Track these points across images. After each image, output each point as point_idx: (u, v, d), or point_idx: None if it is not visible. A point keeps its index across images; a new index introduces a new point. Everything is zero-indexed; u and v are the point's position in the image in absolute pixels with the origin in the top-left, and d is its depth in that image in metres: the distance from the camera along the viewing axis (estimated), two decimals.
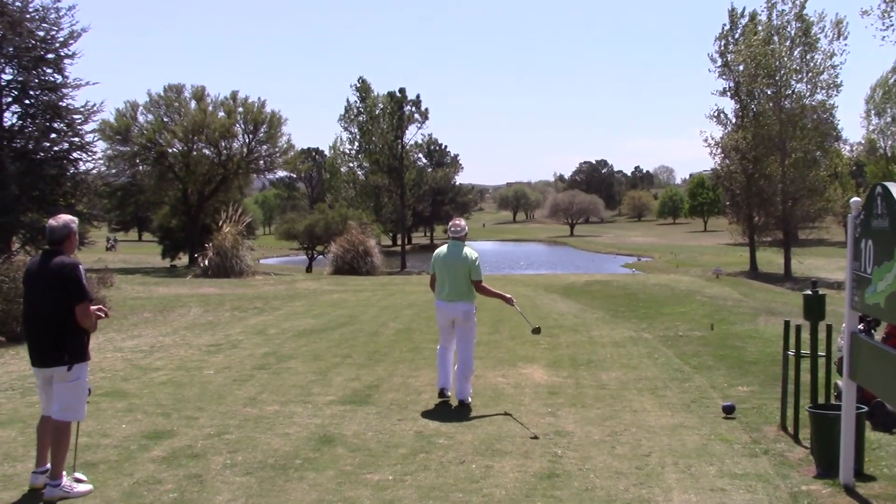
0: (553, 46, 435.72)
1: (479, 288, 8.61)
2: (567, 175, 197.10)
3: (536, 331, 9.19)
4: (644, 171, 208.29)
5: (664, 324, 14.61)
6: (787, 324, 7.49)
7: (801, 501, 5.44)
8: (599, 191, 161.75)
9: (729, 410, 7.79)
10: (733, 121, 47.95)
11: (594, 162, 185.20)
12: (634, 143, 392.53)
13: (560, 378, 9.70)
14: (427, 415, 7.84)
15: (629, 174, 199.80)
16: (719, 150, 48.15)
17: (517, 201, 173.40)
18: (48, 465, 5.79)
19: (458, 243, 8.75)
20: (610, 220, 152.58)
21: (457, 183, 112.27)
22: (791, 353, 7.26)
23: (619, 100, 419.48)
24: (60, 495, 5.58)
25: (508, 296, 9.00)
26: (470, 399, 8.41)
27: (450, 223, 9.14)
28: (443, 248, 8.85)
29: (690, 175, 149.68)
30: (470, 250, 8.70)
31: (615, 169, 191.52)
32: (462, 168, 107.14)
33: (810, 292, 6.83)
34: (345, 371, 10.14)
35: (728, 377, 9.71)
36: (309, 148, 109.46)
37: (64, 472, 5.72)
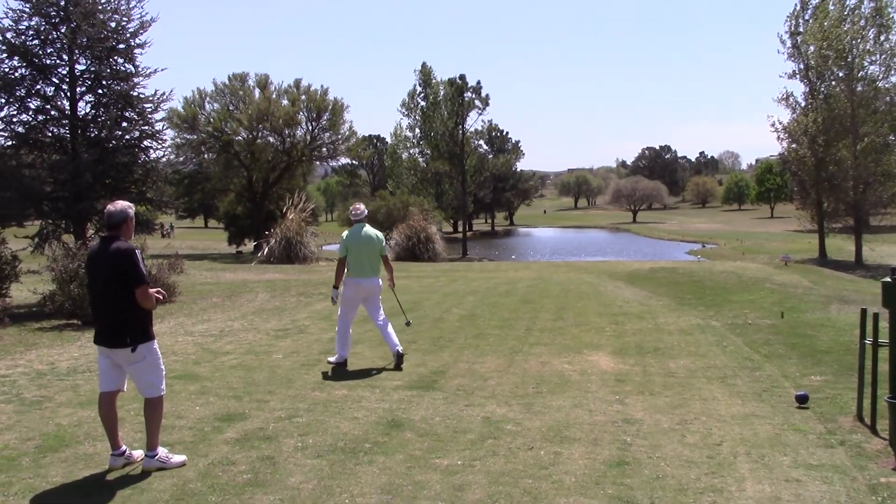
0: (614, 30, 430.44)
1: (386, 261, 9.90)
2: (629, 161, 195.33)
3: (408, 324, 11.09)
4: (708, 157, 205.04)
5: (732, 311, 14.37)
6: (863, 312, 7.31)
7: (880, 494, 5.31)
8: (663, 177, 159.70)
9: (802, 400, 7.63)
10: (802, 104, 46.71)
11: (657, 147, 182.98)
12: (698, 128, 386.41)
13: (627, 365, 9.61)
14: (494, 401, 7.83)
15: (693, 160, 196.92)
16: (787, 135, 46.96)
17: (578, 188, 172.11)
18: (123, 447, 5.97)
19: (361, 225, 9.69)
20: (673, 207, 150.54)
21: (518, 169, 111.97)
22: (868, 341, 7.08)
23: (682, 84, 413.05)
24: (157, 465, 5.82)
25: (393, 280, 10.36)
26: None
27: (351, 208, 10.06)
28: (354, 232, 9.66)
29: (756, 160, 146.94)
30: (374, 230, 9.81)
31: (679, 154, 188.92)
32: (523, 154, 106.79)
33: (890, 279, 6.64)
34: (410, 356, 10.19)
35: (800, 366, 9.51)
36: (370, 135, 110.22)
37: (160, 444, 5.96)
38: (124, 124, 18.99)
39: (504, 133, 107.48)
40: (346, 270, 9.71)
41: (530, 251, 69.26)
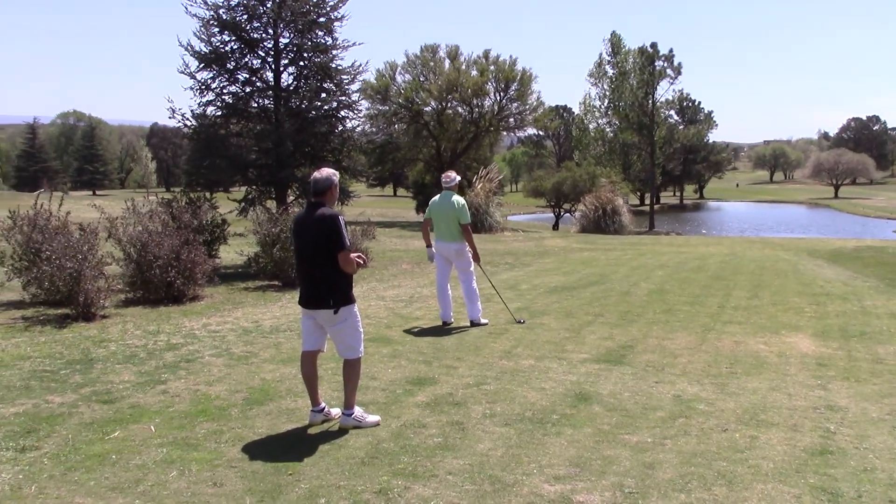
0: None
1: (465, 229, 10.21)
2: (832, 132, 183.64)
3: (520, 322, 10.55)
4: None
5: None
6: None
7: None
8: (870, 149, 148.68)
9: None
10: None
11: (864, 118, 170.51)
12: None
13: (829, 349, 9.06)
14: (685, 379, 7.60)
15: None
16: None
17: (775, 160, 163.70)
18: (322, 404, 6.25)
19: (449, 192, 10.27)
20: (881, 182, 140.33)
21: (710, 140, 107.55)
22: None
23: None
24: (353, 424, 6.07)
25: (478, 254, 10.50)
26: (480, 318, 10.40)
27: (442, 175, 10.66)
28: (440, 198, 10.33)
29: None
30: (458, 198, 10.25)
31: (889, 125, 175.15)
32: (716, 125, 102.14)
33: None
34: (598, 329, 10.08)
35: None
36: (558, 105, 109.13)
37: (356, 404, 6.21)
38: (323, 95, 19.76)
39: (696, 103, 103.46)
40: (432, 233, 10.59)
41: (722, 226, 66.74)
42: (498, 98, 47.87)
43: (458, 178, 10.72)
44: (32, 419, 6.21)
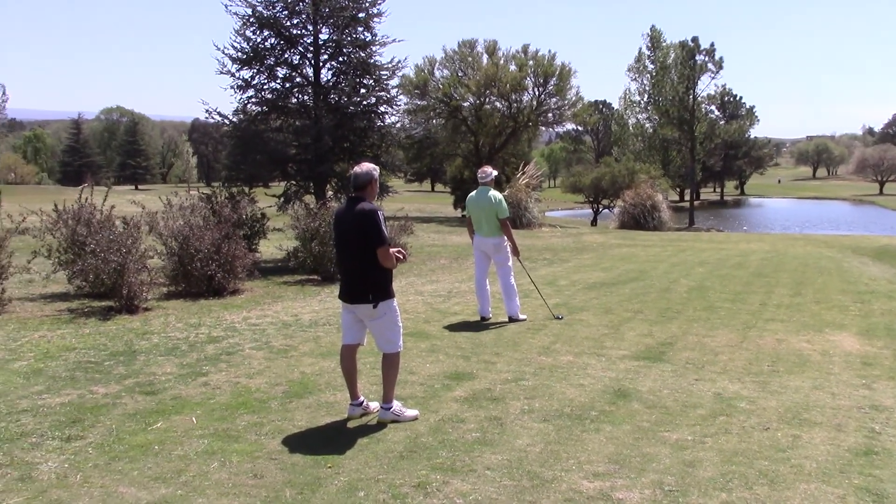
0: None
1: (504, 223, 10.20)
2: (878, 128, 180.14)
3: (558, 318, 10.48)
4: None
5: None
6: None
7: None
8: None
9: None
10: None
11: None
12: None
13: (875, 348, 8.91)
14: (726, 377, 7.52)
15: None
16: None
17: (818, 156, 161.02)
18: (361, 398, 6.29)
19: (485, 188, 10.29)
20: None
21: (751, 136, 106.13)
22: None
23: None
24: (392, 417, 6.10)
25: (517, 248, 10.55)
26: (519, 314, 10.34)
27: (479, 170, 10.66)
28: (476, 193, 10.36)
29: None
30: (495, 193, 10.23)
31: None
32: (758, 120, 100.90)
33: None
34: (637, 326, 10.01)
35: None
36: (597, 100, 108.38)
37: (395, 398, 6.23)
38: (362, 90, 19.79)
39: (738, 98, 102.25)
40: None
41: (763, 222, 65.91)
42: (536, 93, 47.60)
43: (495, 173, 10.69)
44: (78, 409, 6.32)
